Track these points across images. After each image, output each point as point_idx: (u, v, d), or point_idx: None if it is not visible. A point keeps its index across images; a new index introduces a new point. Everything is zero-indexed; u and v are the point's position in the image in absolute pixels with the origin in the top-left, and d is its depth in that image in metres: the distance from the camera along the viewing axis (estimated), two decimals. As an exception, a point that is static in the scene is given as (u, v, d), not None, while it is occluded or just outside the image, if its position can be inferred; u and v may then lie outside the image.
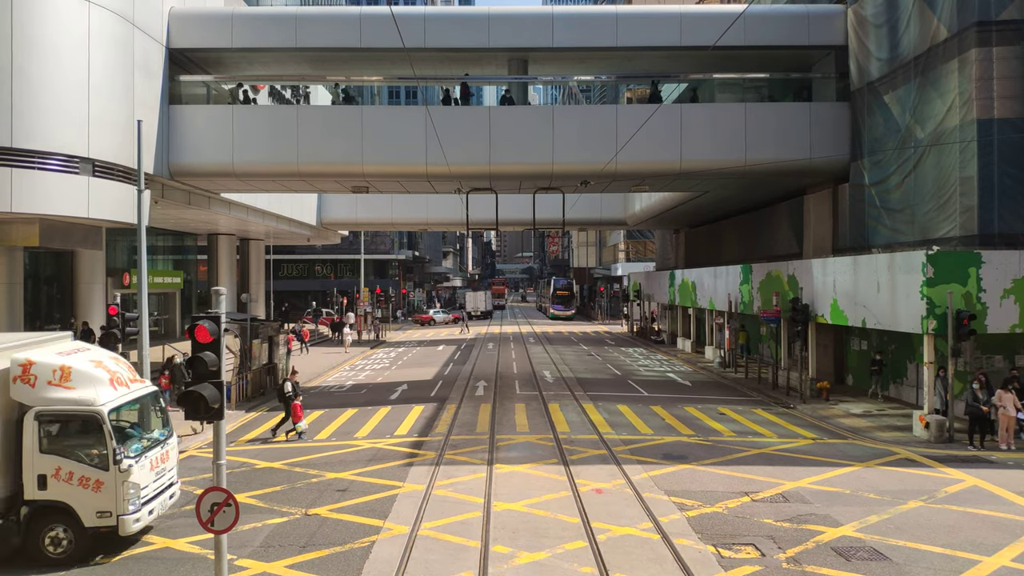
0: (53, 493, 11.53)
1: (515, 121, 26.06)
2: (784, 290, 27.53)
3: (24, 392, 11.61)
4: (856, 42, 25.08)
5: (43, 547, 11.51)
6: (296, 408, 20.04)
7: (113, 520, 11.57)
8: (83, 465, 11.61)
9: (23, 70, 19.70)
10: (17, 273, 26.12)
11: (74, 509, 11.53)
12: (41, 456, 11.56)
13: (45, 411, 11.61)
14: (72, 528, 11.54)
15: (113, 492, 11.57)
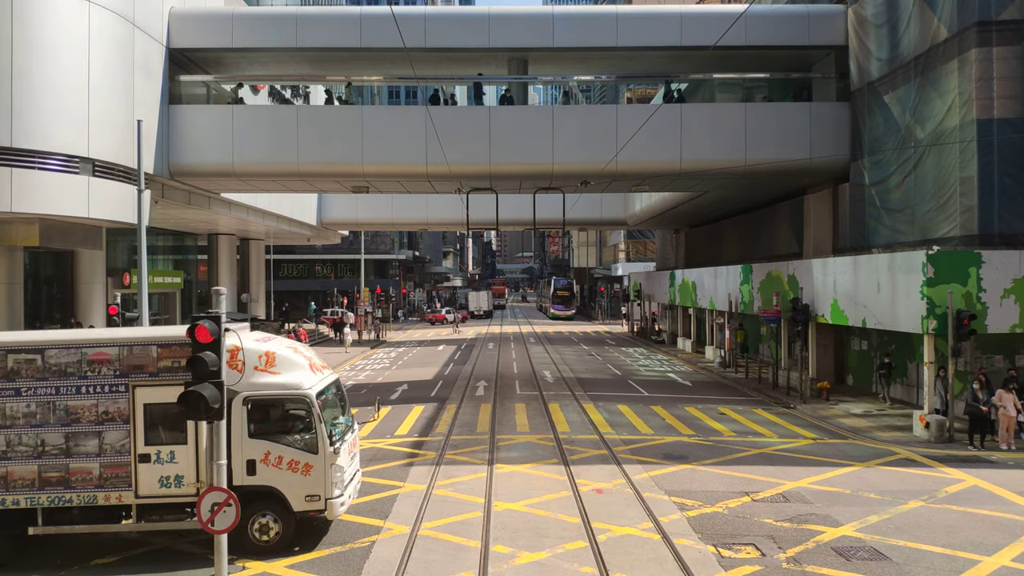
0: (262, 478, 11.53)
1: (515, 121, 26.07)
2: (784, 290, 27.53)
3: (232, 377, 11.66)
4: (856, 42, 25.08)
5: (251, 534, 11.51)
6: None
7: (321, 504, 11.61)
8: (292, 449, 11.63)
9: (23, 70, 19.71)
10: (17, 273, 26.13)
11: (283, 494, 11.53)
12: (250, 441, 11.57)
13: (253, 396, 11.64)
14: (279, 514, 11.56)
15: (322, 476, 11.58)
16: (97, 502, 11.28)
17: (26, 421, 11.23)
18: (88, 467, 11.25)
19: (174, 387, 10.87)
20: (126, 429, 11.30)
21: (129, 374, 11.33)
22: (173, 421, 11.28)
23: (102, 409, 11.27)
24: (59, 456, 11.24)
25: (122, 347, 11.38)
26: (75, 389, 11.26)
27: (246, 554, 11.44)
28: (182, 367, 11.10)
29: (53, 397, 11.25)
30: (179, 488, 11.35)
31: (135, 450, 11.30)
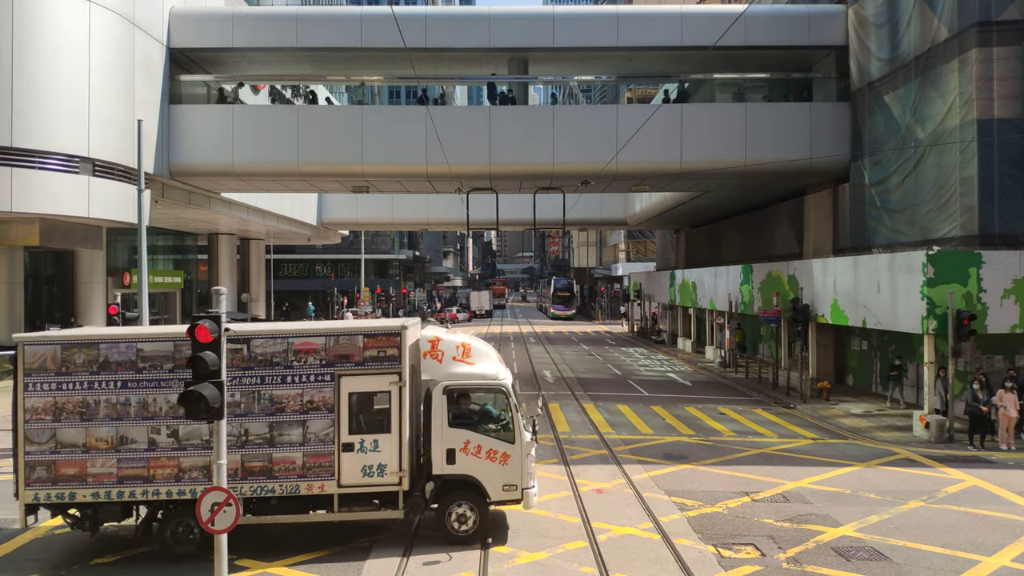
0: (462, 467, 11.62)
1: (515, 121, 26.07)
2: (784, 290, 27.53)
3: (433, 367, 11.85)
4: (856, 42, 25.08)
5: (450, 524, 11.62)
6: None
7: (518, 494, 11.71)
8: (490, 438, 11.75)
9: (23, 70, 19.72)
10: (17, 272, 26.18)
11: (481, 483, 11.64)
12: (450, 430, 11.67)
13: (453, 385, 11.79)
14: (475, 503, 11.65)
15: (519, 465, 11.68)
16: (300, 492, 11.34)
17: (230, 411, 11.27)
18: (291, 456, 11.29)
19: (379, 376, 11.25)
20: (330, 418, 11.34)
21: (335, 363, 11.38)
22: (377, 410, 11.41)
23: (307, 398, 11.33)
24: (263, 446, 11.28)
25: (328, 337, 11.45)
26: (280, 379, 11.34)
27: (443, 543, 11.56)
28: (387, 357, 11.38)
29: (258, 386, 11.33)
30: (381, 477, 11.39)
31: (339, 439, 11.35)
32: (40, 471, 11.10)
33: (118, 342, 11.27)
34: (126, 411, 11.19)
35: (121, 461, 11.16)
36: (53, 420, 11.16)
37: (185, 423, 11.09)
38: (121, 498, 11.20)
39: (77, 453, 11.16)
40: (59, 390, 11.16)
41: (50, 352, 11.17)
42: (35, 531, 12.75)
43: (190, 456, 11.23)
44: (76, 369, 11.18)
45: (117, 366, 11.21)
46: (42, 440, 11.12)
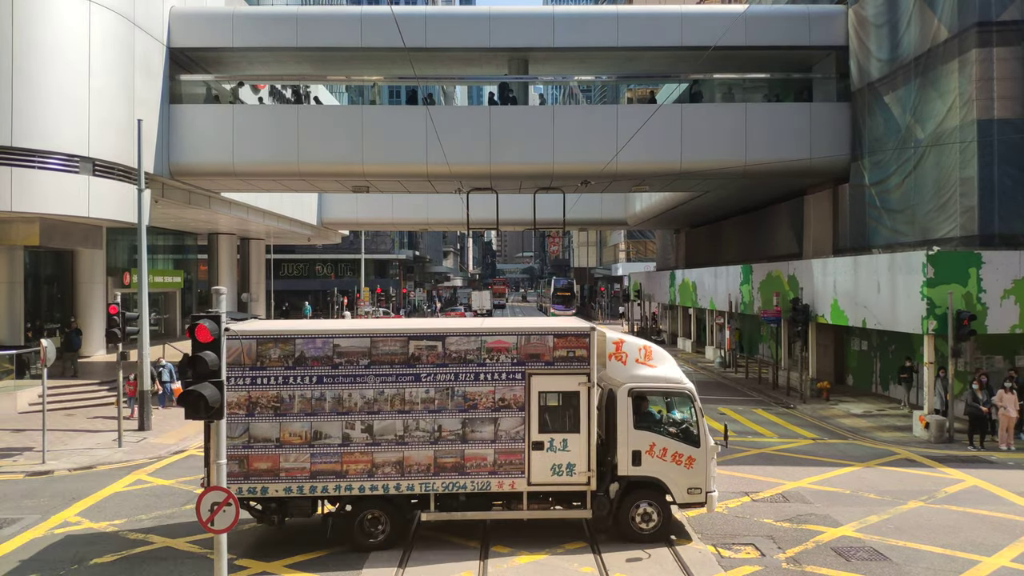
0: (647, 469, 11.71)
1: (516, 121, 26.04)
2: (784, 290, 27.53)
3: (617, 369, 11.90)
4: (857, 42, 25.07)
5: (634, 523, 11.73)
6: None
7: (702, 497, 11.82)
8: (675, 441, 11.83)
9: (23, 69, 19.71)
10: (17, 272, 26.15)
11: (666, 485, 11.74)
12: (635, 432, 11.77)
13: (637, 387, 11.85)
14: (656, 503, 11.75)
15: (703, 469, 11.79)
16: (491, 488, 11.44)
17: (424, 407, 11.37)
18: (483, 454, 11.40)
19: (569, 376, 11.38)
20: (521, 417, 11.45)
21: (526, 362, 11.51)
22: (566, 410, 11.51)
23: (499, 396, 11.46)
24: (455, 442, 11.39)
25: (520, 336, 11.57)
26: (473, 376, 11.45)
27: (623, 541, 11.61)
28: (576, 357, 11.53)
29: (452, 383, 11.42)
30: (570, 476, 11.51)
31: (529, 438, 11.45)
32: (232, 465, 11.13)
33: (314, 337, 11.38)
34: (320, 406, 11.31)
35: (314, 456, 11.27)
36: (247, 414, 11.27)
37: (379, 419, 11.34)
38: (313, 493, 11.35)
39: (270, 448, 11.26)
40: (254, 384, 11.28)
41: (245, 347, 11.29)
42: (35, 530, 12.76)
43: (383, 452, 11.36)
44: (271, 364, 11.30)
45: (312, 361, 11.34)
46: (235, 434, 11.20)
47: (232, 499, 8.65)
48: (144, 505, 14.22)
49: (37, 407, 20.98)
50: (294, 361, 11.29)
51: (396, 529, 11.56)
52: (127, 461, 17.60)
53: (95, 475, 16.48)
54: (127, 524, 13.12)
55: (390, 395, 11.36)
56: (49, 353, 17.24)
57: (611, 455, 11.77)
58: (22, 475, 16.43)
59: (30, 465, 17.00)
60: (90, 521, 13.29)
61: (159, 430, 20.71)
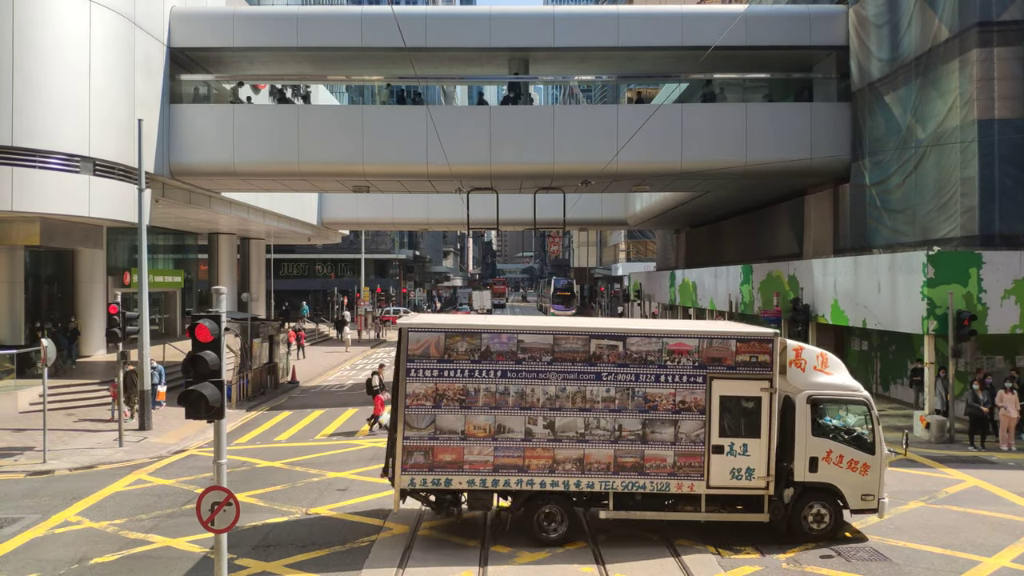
0: (823, 475, 11.77)
1: (516, 121, 26.04)
2: (785, 290, 27.52)
3: (796, 376, 11.96)
4: (857, 42, 25.06)
5: (806, 523, 11.84)
6: (378, 401, 20.50)
7: (874, 503, 11.94)
8: (851, 448, 11.90)
9: (24, 69, 19.71)
10: (18, 272, 26.16)
11: (841, 491, 11.82)
12: (813, 439, 11.82)
13: (816, 395, 11.93)
14: (828, 504, 11.85)
15: (877, 476, 11.87)
16: (670, 490, 11.55)
17: (605, 406, 11.46)
18: (662, 455, 11.52)
19: (750, 382, 11.45)
20: (701, 420, 11.54)
21: (707, 366, 11.60)
22: (746, 414, 11.57)
23: (679, 398, 11.56)
24: (635, 442, 11.50)
25: (702, 339, 11.66)
26: (654, 377, 11.55)
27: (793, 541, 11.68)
28: (758, 363, 11.61)
29: (632, 384, 11.52)
30: (749, 481, 11.59)
31: (709, 441, 11.53)
32: (417, 456, 11.38)
33: (500, 332, 11.58)
34: (504, 400, 11.48)
35: (498, 450, 11.44)
36: (433, 406, 11.43)
37: (561, 415, 11.49)
38: (496, 486, 11.51)
39: (455, 440, 11.42)
40: (441, 377, 11.44)
41: (433, 339, 11.51)
42: (36, 530, 12.76)
43: (564, 448, 11.48)
44: (458, 357, 11.48)
45: (498, 355, 11.52)
46: (421, 425, 11.39)
47: (232, 499, 8.64)
48: (145, 505, 14.22)
49: (38, 407, 20.97)
50: (480, 355, 11.49)
51: (573, 526, 11.74)
52: (128, 461, 17.60)
53: (96, 475, 16.49)
54: (128, 524, 13.12)
55: (571, 392, 11.56)
56: (50, 353, 17.24)
57: (785, 460, 11.84)
58: (23, 475, 16.44)
59: (31, 465, 17.00)
60: (91, 521, 13.29)
61: (160, 430, 20.71)
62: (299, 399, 26.77)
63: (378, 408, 20.54)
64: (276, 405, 25.45)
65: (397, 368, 11.57)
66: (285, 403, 25.88)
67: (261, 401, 25.92)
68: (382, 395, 20.51)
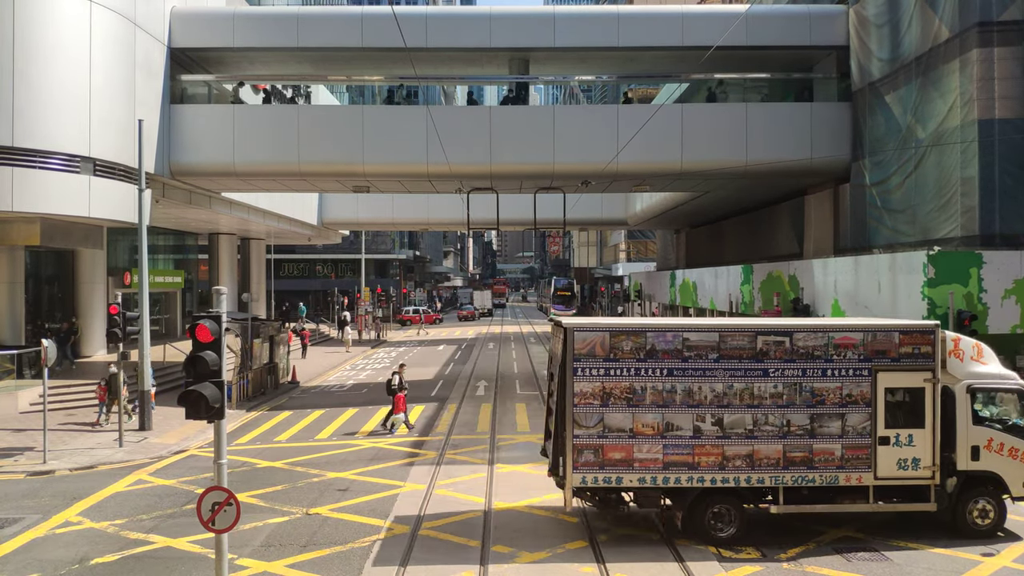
0: (985, 464, 11.97)
1: (516, 121, 26.04)
2: (785, 290, 27.52)
3: (955, 366, 12.15)
4: (857, 42, 25.06)
5: (971, 519, 11.98)
6: (398, 400, 20.60)
7: None
8: (1012, 436, 12.04)
9: (24, 69, 19.71)
10: (18, 272, 26.17)
11: (1003, 479, 11.99)
12: (974, 428, 12.01)
13: (976, 384, 12.14)
14: (994, 498, 11.99)
15: None
16: (838, 482, 11.73)
17: (772, 401, 11.63)
18: (830, 448, 11.71)
19: (914, 373, 11.79)
20: (867, 412, 11.74)
21: (872, 359, 11.80)
22: (911, 405, 11.78)
23: (846, 392, 11.76)
24: (803, 437, 11.68)
25: (867, 332, 11.85)
26: (821, 372, 11.72)
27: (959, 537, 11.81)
28: (921, 354, 11.86)
29: (799, 379, 11.67)
30: (915, 471, 11.80)
31: (876, 433, 11.73)
32: (587, 455, 11.53)
33: (665, 331, 11.75)
34: (671, 398, 11.64)
35: (667, 448, 11.58)
36: (601, 405, 11.57)
37: (729, 412, 11.64)
38: (666, 484, 11.63)
39: (624, 438, 11.57)
40: (607, 376, 11.58)
41: (599, 339, 11.64)
42: (36, 530, 12.77)
43: (733, 445, 11.63)
44: (624, 356, 11.62)
45: (663, 354, 11.67)
46: (590, 424, 11.54)
47: (233, 499, 8.65)
48: (145, 505, 14.23)
49: (38, 407, 20.98)
50: (645, 353, 11.63)
51: (743, 523, 11.84)
52: (128, 461, 17.61)
53: (96, 475, 16.49)
54: (128, 524, 13.12)
55: (739, 389, 11.71)
56: (51, 353, 17.25)
57: (947, 450, 12.00)
58: (23, 475, 16.44)
59: (31, 465, 17.01)
60: (91, 521, 13.29)
61: (160, 430, 20.72)
62: (299, 399, 26.78)
63: (398, 407, 20.66)
64: (276, 405, 25.45)
65: (563, 368, 11.72)
66: (285, 403, 25.89)
67: (261, 401, 25.93)
68: (402, 394, 20.74)
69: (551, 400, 13.10)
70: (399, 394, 20.65)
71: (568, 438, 11.54)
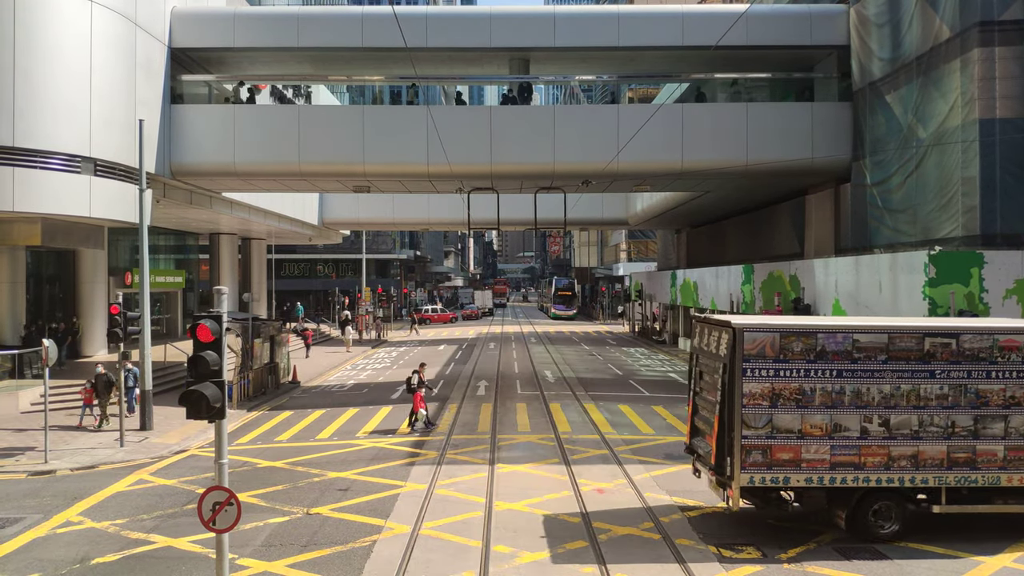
0: None
1: (516, 121, 26.05)
2: (786, 290, 27.51)
3: None
4: (858, 42, 25.05)
5: None
6: (416, 398, 20.72)
7: None
8: None
9: (25, 69, 19.73)
10: (19, 272, 26.21)
11: None
12: None
13: None
14: None
15: None
16: (999, 483, 11.87)
17: (938, 402, 11.80)
18: (993, 449, 11.84)
19: None
20: None
21: None
22: None
23: (1009, 393, 11.87)
24: (967, 437, 11.80)
25: None
26: (985, 374, 11.85)
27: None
28: None
29: (965, 380, 11.79)
30: None
31: None
32: (756, 455, 11.64)
33: (835, 332, 11.83)
34: (840, 399, 11.73)
35: (834, 448, 11.69)
36: (770, 405, 11.67)
37: (896, 413, 11.77)
38: (832, 484, 11.73)
39: (792, 439, 11.66)
40: (776, 376, 11.69)
41: (769, 339, 11.74)
42: (37, 530, 12.77)
43: (899, 445, 11.75)
44: (793, 357, 11.72)
45: (833, 355, 11.77)
46: (759, 424, 11.65)
47: (234, 499, 8.65)
48: (146, 505, 14.23)
49: (39, 407, 21.00)
50: (815, 355, 11.73)
51: (906, 522, 11.92)
52: (129, 461, 17.62)
53: (97, 475, 16.50)
54: (129, 524, 13.13)
55: (905, 390, 11.79)
56: (51, 354, 17.26)
57: None
58: (24, 475, 16.45)
59: (32, 465, 17.02)
60: (92, 521, 13.30)
61: (161, 430, 20.73)
62: (300, 399, 26.79)
63: (417, 405, 20.75)
64: (277, 405, 25.46)
65: (731, 369, 11.77)
66: (286, 403, 25.89)
67: (262, 401, 25.94)
68: (420, 392, 20.85)
69: (696, 398, 13.34)
70: (417, 392, 20.76)
71: (737, 439, 11.64)
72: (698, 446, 13.09)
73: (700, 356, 13.30)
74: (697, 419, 13.31)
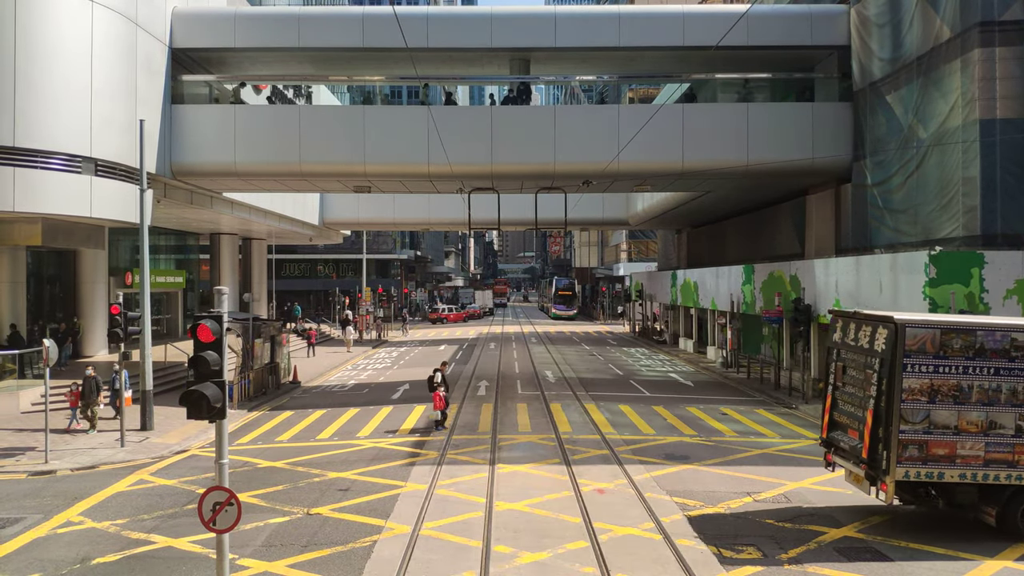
0: None
1: (517, 121, 26.05)
2: (786, 290, 27.51)
3: None
4: (859, 42, 25.05)
5: None
6: (435, 397, 20.83)
7: None
8: None
9: (26, 70, 19.74)
10: (20, 272, 26.22)
11: None
12: None
13: None
14: None
15: None
16: None
17: (1008, 400, 11.92)
18: None
19: None
20: None
21: None
22: None
23: None
24: None
25: None
26: None
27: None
28: None
29: None
30: None
31: None
32: (912, 450, 11.86)
33: (995, 330, 11.98)
34: (996, 397, 11.91)
35: (988, 445, 11.87)
36: (928, 401, 11.86)
37: None
38: (986, 480, 11.91)
39: (948, 434, 11.85)
40: (936, 372, 11.90)
41: (929, 336, 11.94)
42: (38, 530, 12.78)
43: None
44: (953, 353, 11.92)
45: (991, 353, 11.94)
46: (916, 420, 11.85)
47: (234, 499, 8.65)
48: (146, 505, 14.24)
49: (39, 407, 21.00)
50: (974, 352, 11.90)
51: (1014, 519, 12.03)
52: (129, 461, 17.62)
53: (97, 475, 16.51)
54: (130, 524, 13.14)
55: None
56: (52, 354, 17.26)
57: None
58: (25, 475, 16.46)
59: (32, 465, 17.03)
60: (92, 521, 13.31)
61: (161, 430, 20.74)
62: (301, 399, 26.80)
63: (437, 403, 20.85)
64: (278, 405, 25.47)
65: (891, 364, 11.89)
66: (287, 403, 25.90)
67: (263, 401, 25.94)
68: (439, 391, 20.89)
69: (836, 392, 13.45)
70: (436, 391, 20.85)
71: (894, 433, 11.80)
72: (839, 440, 13.21)
73: (843, 351, 13.47)
74: (836, 413, 13.44)
